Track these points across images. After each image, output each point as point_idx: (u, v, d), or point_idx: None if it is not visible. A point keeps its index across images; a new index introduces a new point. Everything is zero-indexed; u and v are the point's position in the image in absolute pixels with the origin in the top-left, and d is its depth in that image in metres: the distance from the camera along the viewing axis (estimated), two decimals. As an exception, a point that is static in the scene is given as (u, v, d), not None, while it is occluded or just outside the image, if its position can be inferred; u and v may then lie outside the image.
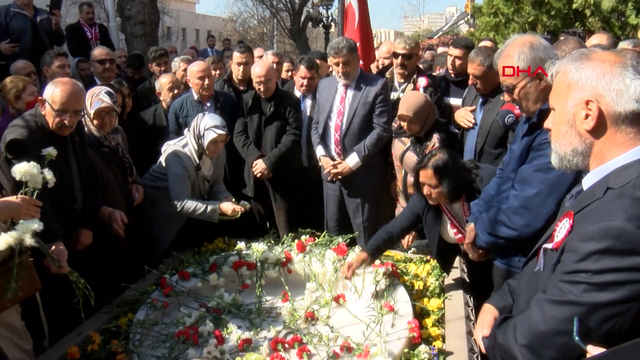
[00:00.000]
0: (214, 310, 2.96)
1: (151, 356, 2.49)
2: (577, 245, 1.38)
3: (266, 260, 3.35)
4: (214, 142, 3.70)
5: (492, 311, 1.85)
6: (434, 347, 2.42)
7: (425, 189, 2.83)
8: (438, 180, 2.76)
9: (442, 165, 2.75)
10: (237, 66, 4.87)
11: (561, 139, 1.51)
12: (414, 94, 3.66)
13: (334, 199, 4.45)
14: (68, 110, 2.87)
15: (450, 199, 2.85)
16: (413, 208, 3.12)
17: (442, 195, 2.81)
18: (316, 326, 2.86)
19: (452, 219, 2.92)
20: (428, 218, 3.02)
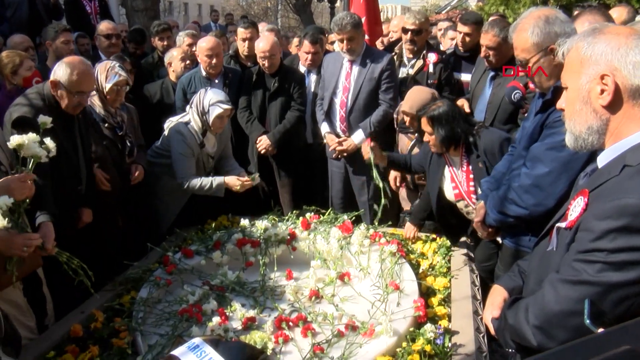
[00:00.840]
0: (218, 288, 2.96)
1: (154, 334, 2.49)
2: (592, 224, 1.34)
3: (270, 238, 3.35)
4: (220, 117, 3.65)
5: (501, 292, 1.83)
6: (440, 326, 2.41)
7: (425, 135, 3.06)
8: (432, 127, 2.99)
9: (437, 115, 2.99)
10: (242, 42, 4.80)
11: (575, 117, 1.47)
12: (419, 90, 3.56)
13: (339, 177, 4.43)
14: (85, 92, 2.86)
15: (442, 147, 3.03)
16: (424, 150, 3.31)
17: (436, 142, 3.01)
18: (321, 304, 2.86)
19: (453, 172, 3.01)
20: (432, 166, 3.17)
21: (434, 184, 3.11)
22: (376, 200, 4.17)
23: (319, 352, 2.32)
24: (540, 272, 1.60)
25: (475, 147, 2.96)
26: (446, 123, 2.97)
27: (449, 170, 2.99)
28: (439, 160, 3.12)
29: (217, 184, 3.61)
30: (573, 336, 1.34)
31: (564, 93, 1.53)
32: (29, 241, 2.24)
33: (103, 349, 2.34)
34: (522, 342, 1.50)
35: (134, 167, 3.60)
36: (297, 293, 2.95)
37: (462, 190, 3.03)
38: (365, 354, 2.28)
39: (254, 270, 3.22)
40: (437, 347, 2.27)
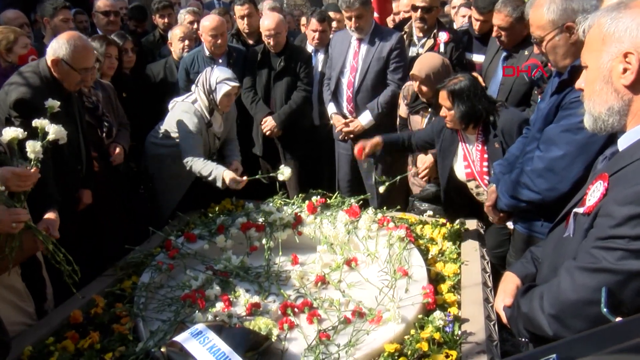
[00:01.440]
0: (221, 273, 2.95)
1: (156, 320, 2.49)
2: (613, 209, 1.31)
3: (275, 222, 3.33)
4: (227, 95, 3.62)
5: (514, 280, 1.81)
6: (450, 314, 2.39)
7: (442, 110, 2.95)
8: (451, 102, 2.89)
9: (458, 89, 2.88)
10: (240, 20, 4.75)
11: (595, 98, 1.43)
12: (431, 55, 3.51)
13: (346, 159, 4.41)
14: (88, 68, 2.82)
15: (461, 124, 2.93)
16: (434, 126, 3.22)
17: (455, 119, 2.92)
18: (327, 290, 2.85)
19: (466, 150, 2.95)
20: (444, 143, 3.09)
21: (446, 161, 3.05)
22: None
23: (325, 339, 2.31)
24: (556, 259, 1.59)
25: (493, 126, 2.90)
26: (467, 99, 2.88)
27: (462, 148, 2.94)
28: (452, 137, 3.05)
29: (214, 176, 3.54)
30: (590, 326, 1.32)
31: (584, 72, 1.49)
32: (16, 216, 2.17)
33: (104, 335, 2.33)
34: (536, 331, 1.49)
35: (113, 146, 3.56)
36: (302, 278, 2.95)
37: (475, 170, 2.98)
38: (373, 341, 2.27)
39: (258, 255, 3.20)
40: (447, 335, 2.25)
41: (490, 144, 2.91)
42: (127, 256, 3.06)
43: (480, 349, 2.16)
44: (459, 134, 3.01)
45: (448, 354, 2.08)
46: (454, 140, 3.02)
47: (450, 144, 3.03)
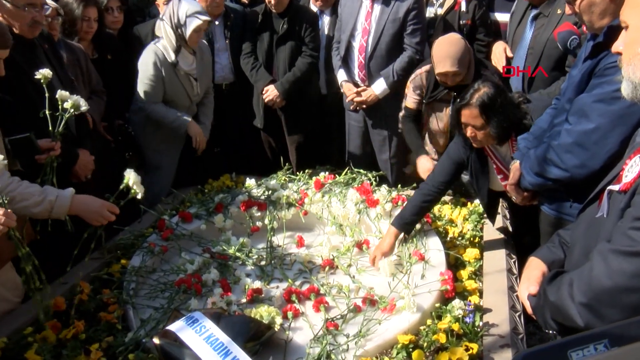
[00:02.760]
0: (220, 256, 2.96)
1: (148, 307, 2.49)
2: None
3: (279, 200, 3.33)
4: (197, 31, 3.59)
5: (539, 266, 1.79)
6: (470, 303, 2.38)
7: (469, 130, 2.70)
8: (485, 120, 2.62)
9: (488, 101, 2.60)
10: None
11: (636, 62, 1.39)
12: (449, 41, 3.35)
13: (357, 131, 4.37)
14: (35, 3, 2.72)
15: (499, 140, 2.73)
16: (453, 156, 2.93)
17: (490, 136, 2.68)
18: (335, 276, 2.85)
19: (498, 162, 2.81)
20: (474, 165, 2.89)
21: (481, 181, 2.89)
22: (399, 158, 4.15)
23: (332, 329, 2.31)
24: (587, 242, 1.57)
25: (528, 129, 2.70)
26: (501, 110, 2.63)
27: (493, 161, 2.82)
28: (479, 155, 2.87)
29: (180, 122, 3.59)
30: (627, 315, 1.31)
31: (622, 33, 1.45)
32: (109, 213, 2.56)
33: (89, 324, 2.33)
34: (565, 322, 1.47)
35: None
36: (308, 262, 2.96)
37: None
38: (385, 332, 2.27)
39: (260, 236, 3.21)
40: (467, 326, 2.24)
41: None
42: (115, 237, 3.06)
43: (504, 343, 2.14)
44: (487, 151, 2.85)
45: (468, 347, 2.07)
46: (482, 157, 2.87)
47: (482, 164, 2.88)
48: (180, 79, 3.71)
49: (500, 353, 2.09)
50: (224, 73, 4.41)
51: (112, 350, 2.17)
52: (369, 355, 2.14)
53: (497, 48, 3.91)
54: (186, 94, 3.77)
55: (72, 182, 2.85)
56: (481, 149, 2.84)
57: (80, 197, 2.52)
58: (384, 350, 2.21)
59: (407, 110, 3.78)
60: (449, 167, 2.94)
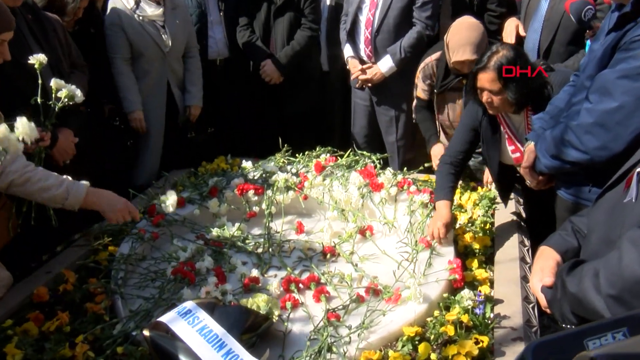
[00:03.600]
0: (214, 243, 2.96)
1: (137, 297, 2.49)
2: None
3: (277, 184, 3.32)
4: None
5: (552, 255, 1.77)
6: (480, 293, 2.37)
7: (485, 95, 2.70)
8: (502, 84, 2.62)
9: (506, 64, 2.59)
10: None
11: None
12: (468, 26, 3.26)
13: (363, 111, 4.35)
14: None
15: (516, 107, 2.72)
16: (467, 122, 2.95)
17: (507, 103, 2.67)
18: (337, 264, 2.85)
19: (510, 132, 2.79)
20: (485, 133, 2.89)
21: (492, 152, 2.89)
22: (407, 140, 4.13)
23: (334, 320, 2.31)
24: (610, 229, 1.55)
25: (548, 100, 2.68)
26: (521, 73, 2.61)
27: (506, 131, 2.80)
28: (492, 123, 2.88)
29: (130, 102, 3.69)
30: None
31: None
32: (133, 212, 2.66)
33: (74, 316, 2.32)
34: (587, 316, 1.45)
35: None
36: (308, 250, 2.96)
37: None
38: (389, 324, 2.26)
39: (257, 222, 3.21)
40: (476, 317, 2.23)
41: None
42: (102, 223, 3.03)
43: (516, 336, 2.13)
44: (499, 116, 2.85)
45: (478, 339, 2.06)
46: (495, 126, 2.86)
47: (493, 132, 2.86)
48: (145, 26, 3.71)
49: (513, 347, 2.08)
50: (218, 48, 4.38)
51: (99, 343, 2.15)
52: (372, 348, 2.13)
53: (508, 25, 3.88)
54: (154, 43, 3.76)
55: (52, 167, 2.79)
56: (494, 117, 2.84)
57: (98, 191, 2.57)
58: (388, 342, 2.20)
59: (419, 101, 3.76)
60: (465, 134, 2.96)
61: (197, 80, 4.05)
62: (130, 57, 3.74)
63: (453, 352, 2.01)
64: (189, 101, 4.02)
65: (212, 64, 4.34)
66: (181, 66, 3.98)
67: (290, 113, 4.46)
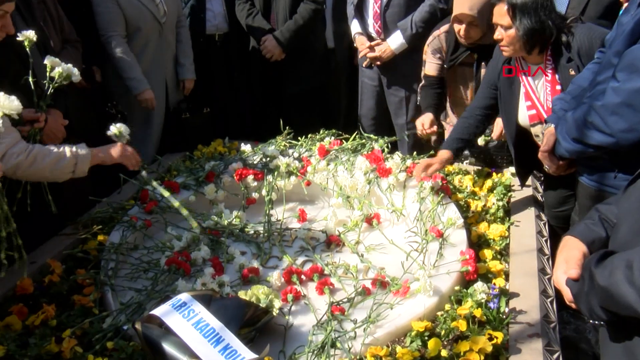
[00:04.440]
0: (211, 231, 2.96)
1: (129, 289, 2.49)
2: None
3: (278, 169, 3.32)
4: None
5: (577, 245, 1.76)
6: (494, 286, 2.36)
7: (497, 31, 2.77)
8: (511, 17, 2.69)
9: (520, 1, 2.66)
10: None
11: None
12: None
13: (371, 91, 4.35)
14: None
15: (525, 46, 2.74)
16: (487, 77, 3.03)
17: (516, 40, 2.73)
18: (342, 254, 2.85)
19: (528, 86, 2.80)
20: (503, 86, 2.91)
21: (509, 107, 2.91)
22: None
23: (338, 314, 2.31)
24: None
25: (567, 47, 2.72)
26: (533, 11, 2.68)
27: (523, 84, 2.80)
28: (511, 72, 2.89)
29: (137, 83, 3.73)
30: None
31: None
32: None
33: (61, 309, 2.32)
34: (619, 311, 1.45)
35: None
36: (311, 239, 2.96)
37: (542, 110, 2.87)
38: (397, 318, 2.26)
39: (257, 209, 3.21)
40: (490, 312, 2.23)
41: (562, 71, 2.77)
42: (92, 210, 3.05)
43: (532, 332, 2.13)
44: (518, 66, 2.85)
45: (492, 335, 2.05)
46: (513, 79, 2.86)
47: (510, 84, 2.88)
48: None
49: (529, 343, 2.08)
50: (216, 22, 4.37)
51: (87, 338, 2.15)
52: (379, 343, 2.13)
53: None
54: (151, 14, 3.76)
55: None
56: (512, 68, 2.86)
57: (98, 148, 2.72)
58: (395, 338, 2.20)
59: (427, 79, 3.74)
60: (485, 89, 3.04)
61: (189, 51, 4.09)
62: (126, 35, 3.72)
63: (465, 349, 2.00)
64: (183, 75, 4.04)
65: (211, 39, 4.32)
66: (174, 38, 3.97)
67: (293, 93, 4.47)
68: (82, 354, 2.05)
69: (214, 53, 4.35)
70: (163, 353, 1.97)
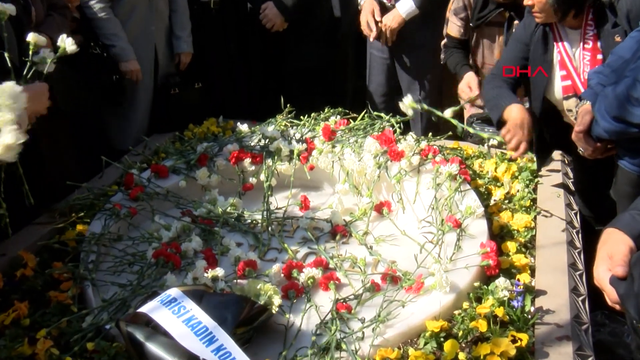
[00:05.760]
0: (203, 220, 2.97)
1: (112, 284, 2.50)
2: None
3: (278, 151, 3.32)
4: None
5: (623, 240, 1.73)
6: (519, 282, 2.37)
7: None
8: None
9: None
10: None
11: None
12: None
13: (380, 65, 4.34)
14: None
15: (558, 10, 2.71)
16: (518, 36, 3.01)
17: (548, 4, 2.70)
18: (348, 246, 2.86)
19: (564, 52, 2.76)
20: (535, 50, 2.89)
21: (539, 76, 2.88)
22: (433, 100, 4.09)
23: (344, 312, 2.31)
24: None
25: (612, 10, 2.68)
26: None
27: (559, 50, 2.76)
28: (544, 39, 2.86)
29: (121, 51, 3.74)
30: None
31: None
32: None
33: (35, 307, 2.32)
34: None
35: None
36: (315, 229, 2.96)
37: (577, 81, 2.84)
38: (410, 317, 2.26)
39: (254, 195, 3.22)
40: (514, 311, 2.23)
41: (606, 38, 2.73)
42: (70, 196, 3.05)
43: (562, 334, 2.12)
44: (554, 30, 2.81)
45: (515, 337, 2.05)
46: (547, 44, 2.82)
47: (543, 51, 2.84)
48: None
49: (558, 347, 2.07)
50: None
51: (65, 339, 2.15)
52: (389, 345, 2.12)
53: None
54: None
55: None
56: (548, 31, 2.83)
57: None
58: (408, 339, 2.20)
59: (449, 39, 3.71)
60: (515, 48, 3.01)
61: (187, 22, 4.09)
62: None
63: (485, 352, 1.99)
64: (179, 48, 4.04)
65: (206, 6, 4.31)
66: (167, 7, 3.95)
67: (295, 66, 4.48)
68: (58, 356, 2.04)
69: (208, 21, 4.33)
70: (150, 355, 1.96)
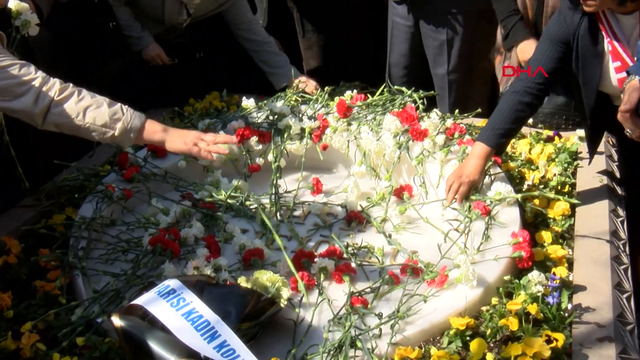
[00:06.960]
0: (205, 204, 2.98)
1: (104, 274, 2.51)
2: None
3: (288, 129, 3.31)
4: None
5: None
6: (555, 276, 2.35)
7: None
8: None
9: None
10: None
11: None
12: None
13: (403, 33, 4.30)
14: None
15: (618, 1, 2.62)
16: (553, 33, 2.87)
17: None
18: (365, 234, 2.86)
19: (616, 42, 2.71)
20: (583, 45, 2.80)
21: (589, 70, 2.82)
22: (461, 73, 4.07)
23: (359, 307, 2.31)
24: None
25: None
26: None
27: (609, 40, 2.72)
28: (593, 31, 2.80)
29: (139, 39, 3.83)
30: None
31: None
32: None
33: (19, 298, 2.34)
34: None
35: None
36: (328, 215, 2.97)
37: None
38: (433, 312, 2.26)
39: (261, 178, 3.22)
40: (549, 309, 2.21)
41: None
42: (57, 177, 3.07)
43: (603, 335, 2.11)
44: (602, 22, 2.76)
45: (550, 337, 2.04)
46: (596, 36, 2.77)
47: (593, 43, 2.79)
48: None
49: (598, 349, 2.06)
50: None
51: (52, 333, 2.16)
52: (409, 343, 2.13)
53: None
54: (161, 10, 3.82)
55: None
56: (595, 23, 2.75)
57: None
58: (430, 337, 2.21)
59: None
60: (551, 48, 2.88)
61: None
62: None
63: (516, 352, 1.99)
64: None
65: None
66: None
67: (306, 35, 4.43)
68: (45, 352, 2.05)
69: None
70: (146, 351, 1.96)
